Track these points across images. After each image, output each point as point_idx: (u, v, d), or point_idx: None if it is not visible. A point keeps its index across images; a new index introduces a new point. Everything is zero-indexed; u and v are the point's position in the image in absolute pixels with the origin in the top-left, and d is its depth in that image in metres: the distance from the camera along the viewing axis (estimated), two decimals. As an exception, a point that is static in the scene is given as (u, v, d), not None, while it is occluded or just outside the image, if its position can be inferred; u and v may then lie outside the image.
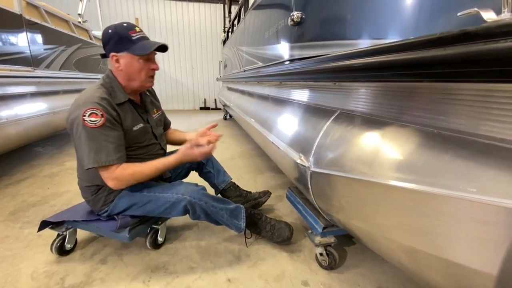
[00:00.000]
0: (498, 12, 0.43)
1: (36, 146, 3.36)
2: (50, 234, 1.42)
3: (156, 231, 1.30)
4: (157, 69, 1.18)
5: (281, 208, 1.73)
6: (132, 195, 1.16)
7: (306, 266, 1.20)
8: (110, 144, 1.03)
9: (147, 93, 1.33)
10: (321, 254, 1.18)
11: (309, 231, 1.25)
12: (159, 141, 1.31)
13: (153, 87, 1.29)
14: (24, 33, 2.59)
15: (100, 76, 4.63)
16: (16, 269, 1.17)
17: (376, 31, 0.89)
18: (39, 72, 2.78)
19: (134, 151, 1.17)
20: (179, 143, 1.46)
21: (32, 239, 1.39)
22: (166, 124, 1.49)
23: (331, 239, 1.17)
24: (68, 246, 1.27)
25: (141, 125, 1.19)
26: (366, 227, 0.83)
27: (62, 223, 1.26)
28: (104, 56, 1.13)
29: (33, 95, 2.70)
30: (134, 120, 1.16)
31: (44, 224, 1.23)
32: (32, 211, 1.69)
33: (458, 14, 0.46)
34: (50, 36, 3.10)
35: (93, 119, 0.99)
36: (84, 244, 1.34)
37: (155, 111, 1.35)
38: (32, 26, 2.73)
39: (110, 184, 1.07)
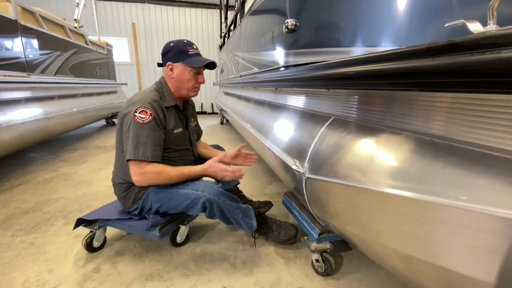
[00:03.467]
0: (484, 24, 0.44)
1: (30, 152, 3.32)
2: (41, 243, 1.40)
3: (177, 230, 1.35)
4: (203, 82, 1.31)
5: (277, 214, 1.72)
6: (158, 192, 1.22)
7: (302, 273, 1.19)
8: (150, 142, 1.13)
9: (189, 103, 1.46)
10: (317, 261, 1.18)
11: (305, 237, 1.25)
12: (192, 148, 1.42)
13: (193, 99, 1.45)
14: (19, 39, 2.59)
15: (95, 81, 4.63)
16: (7, 278, 1.15)
17: (368, 39, 0.90)
18: (34, 78, 2.77)
19: (170, 153, 1.26)
20: (204, 158, 1.47)
21: (24, 248, 1.36)
22: (198, 135, 1.58)
23: (327, 245, 1.17)
24: (96, 244, 1.32)
25: (181, 129, 1.31)
26: (361, 234, 0.83)
27: (95, 221, 1.32)
28: (160, 65, 1.30)
29: (28, 100, 2.68)
30: (176, 124, 1.28)
31: (79, 222, 1.30)
32: (24, 219, 1.66)
33: (446, 25, 0.47)
34: (46, 42, 3.09)
35: (142, 116, 1.13)
36: (77, 252, 1.32)
37: (193, 120, 1.47)
38: (27, 32, 2.72)
39: (135, 178, 1.15)
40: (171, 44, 1.25)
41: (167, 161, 1.23)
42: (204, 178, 1.32)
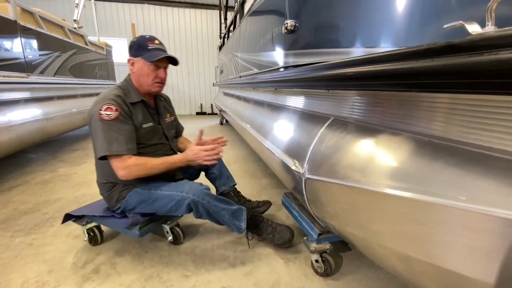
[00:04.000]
0: (483, 25, 0.44)
1: (29, 152, 3.32)
2: (41, 243, 1.40)
3: (168, 230, 1.36)
4: (163, 77, 1.29)
5: (277, 214, 1.72)
6: (141, 193, 1.24)
7: (301, 273, 1.19)
8: (122, 136, 1.14)
9: (162, 98, 1.47)
10: (316, 261, 1.18)
11: (305, 238, 1.25)
12: (169, 142, 1.42)
13: (168, 95, 1.51)
14: (19, 39, 2.58)
15: (95, 81, 4.62)
16: (6, 279, 1.15)
17: (367, 40, 0.90)
18: (33, 78, 2.76)
19: (143, 148, 1.26)
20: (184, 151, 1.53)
21: (23, 248, 1.36)
22: (178, 131, 1.59)
23: (326, 246, 1.17)
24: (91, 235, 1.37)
25: (151, 124, 1.30)
26: (360, 234, 0.83)
27: (83, 217, 1.37)
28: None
29: (27, 101, 2.68)
30: (145, 119, 1.28)
31: (67, 217, 1.35)
32: (23, 219, 1.66)
33: (444, 26, 0.48)
34: (45, 42, 3.09)
35: (108, 112, 1.13)
36: (76, 253, 1.32)
37: (168, 116, 1.47)
38: (26, 32, 2.72)
39: (120, 173, 1.15)
40: (134, 40, 1.25)
41: (143, 155, 1.24)
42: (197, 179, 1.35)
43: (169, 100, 1.56)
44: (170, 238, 1.36)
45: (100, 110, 1.12)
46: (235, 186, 1.62)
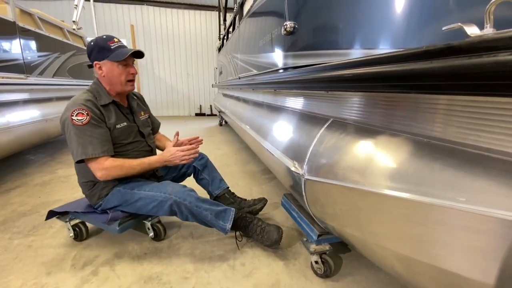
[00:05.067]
0: (481, 27, 0.45)
1: (27, 154, 3.31)
2: (39, 245, 1.39)
3: (150, 227, 1.38)
4: (135, 73, 1.31)
5: (277, 215, 1.72)
6: (123, 193, 1.26)
7: (301, 275, 1.19)
8: (96, 139, 1.16)
9: (134, 97, 1.48)
10: (316, 262, 1.17)
11: (304, 239, 1.25)
12: (146, 139, 1.43)
13: (143, 93, 1.54)
14: (18, 40, 2.58)
15: (94, 82, 4.62)
16: (5, 281, 1.14)
17: (366, 42, 0.91)
18: (32, 79, 2.76)
19: (120, 147, 1.28)
20: (162, 149, 1.57)
21: (21, 250, 1.35)
22: (154, 128, 1.60)
23: (326, 247, 1.17)
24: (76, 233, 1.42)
25: (125, 123, 1.31)
26: (360, 235, 0.83)
27: (67, 213, 1.41)
28: (90, 66, 1.27)
29: (26, 102, 2.67)
30: (118, 119, 1.29)
31: (51, 214, 1.39)
32: (22, 221, 1.65)
33: (443, 28, 0.48)
34: (44, 43, 3.08)
35: (79, 117, 1.14)
36: (75, 255, 1.31)
37: (142, 114, 1.48)
38: (25, 33, 2.72)
39: (99, 174, 1.18)
40: (91, 43, 1.23)
41: (120, 155, 1.27)
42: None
43: (143, 98, 1.58)
44: (151, 234, 1.39)
45: (72, 115, 1.14)
46: (229, 188, 1.64)
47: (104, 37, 1.24)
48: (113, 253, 1.33)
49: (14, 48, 2.54)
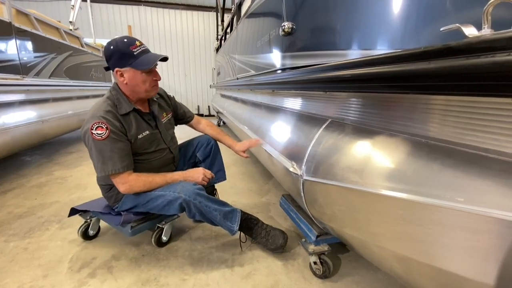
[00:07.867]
0: (479, 28, 0.45)
1: (24, 155, 3.28)
2: (35, 248, 1.38)
3: (161, 230, 1.38)
4: (159, 79, 1.27)
5: (275, 216, 1.72)
6: (137, 195, 1.25)
7: (300, 275, 1.19)
8: (116, 154, 1.13)
9: (155, 98, 1.40)
10: (315, 263, 1.17)
11: (303, 240, 1.25)
12: (168, 146, 1.40)
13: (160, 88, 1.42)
14: (14, 41, 2.56)
15: (91, 83, 4.59)
16: (1, 285, 1.13)
17: (364, 42, 0.91)
18: (28, 80, 2.74)
19: (143, 155, 1.27)
20: (200, 131, 1.64)
21: (17, 253, 1.34)
22: (186, 118, 1.59)
23: (325, 248, 1.17)
24: (91, 232, 1.45)
25: (147, 132, 1.28)
26: (358, 236, 0.83)
27: (88, 211, 1.44)
28: (108, 69, 1.21)
29: (22, 103, 2.65)
30: (139, 128, 1.25)
31: (73, 211, 1.41)
32: (18, 223, 1.63)
33: (441, 29, 0.48)
34: (40, 44, 3.06)
35: (99, 132, 1.11)
36: (72, 257, 1.30)
37: (164, 115, 1.43)
38: (21, 34, 2.70)
39: (122, 189, 1.19)
40: (111, 47, 1.14)
41: (143, 164, 1.26)
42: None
43: (165, 93, 1.50)
44: (165, 239, 1.39)
45: (92, 129, 1.10)
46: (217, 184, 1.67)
47: (125, 40, 1.15)
48: (110, 255, 1.32)
49: (10, 48, 2.52)
